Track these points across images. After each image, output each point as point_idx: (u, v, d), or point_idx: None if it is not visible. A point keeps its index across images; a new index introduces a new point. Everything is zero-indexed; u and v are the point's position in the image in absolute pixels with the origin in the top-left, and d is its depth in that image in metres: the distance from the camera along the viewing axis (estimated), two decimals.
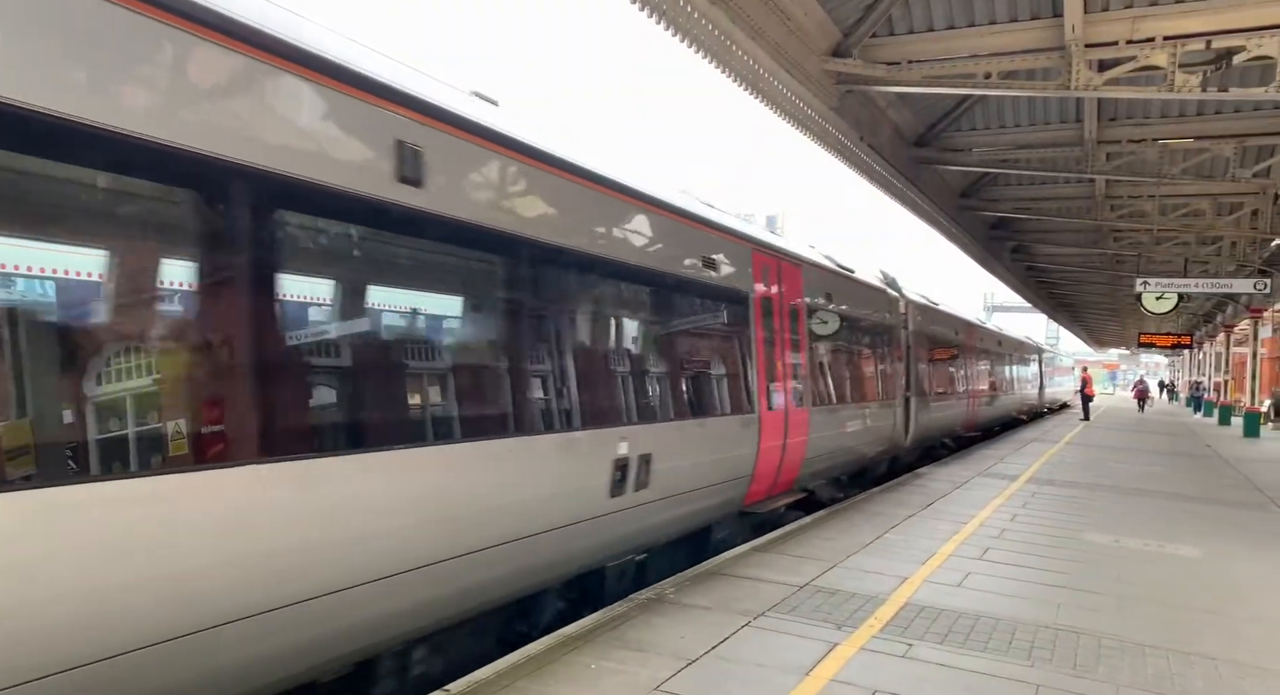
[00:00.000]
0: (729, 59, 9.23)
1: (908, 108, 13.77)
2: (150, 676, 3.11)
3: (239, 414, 3.44)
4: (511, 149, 5.11)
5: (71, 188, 3.04)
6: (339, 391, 4.13)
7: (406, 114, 4.25)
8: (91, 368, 3.08)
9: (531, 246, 5.23)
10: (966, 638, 5.39)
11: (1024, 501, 11.08)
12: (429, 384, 4.72)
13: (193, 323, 3.41)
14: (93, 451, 3.00)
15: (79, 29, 2.90)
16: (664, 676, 4.54)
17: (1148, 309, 21.70)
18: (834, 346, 11.06)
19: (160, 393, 3.24)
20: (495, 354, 5.10)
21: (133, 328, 3.28)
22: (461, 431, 4.67)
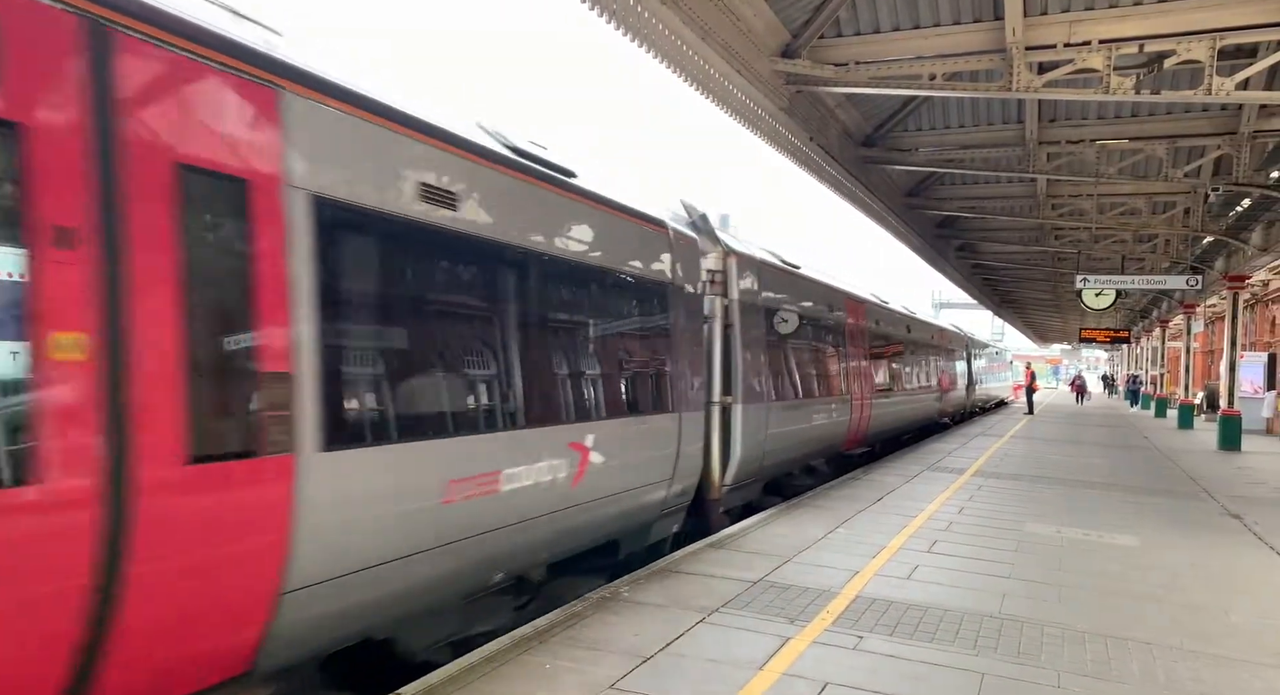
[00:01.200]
0: (680, 60, 9.28)
1: (856, 108, 13.99)
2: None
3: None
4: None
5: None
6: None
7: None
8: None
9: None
10: (915, 629, 5.50)
11: (970, 495, 11.34)
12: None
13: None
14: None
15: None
16: (618, 675, 4.57)
17: (1087, 305, 22.36)
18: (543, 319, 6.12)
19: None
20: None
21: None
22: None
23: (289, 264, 3.83)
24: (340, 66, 4.43)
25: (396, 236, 4.57)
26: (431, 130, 4.86)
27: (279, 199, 3.81)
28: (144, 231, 3.25)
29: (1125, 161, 15.47)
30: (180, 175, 3.40)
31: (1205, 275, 22.06)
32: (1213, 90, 9.37)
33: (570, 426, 6.09)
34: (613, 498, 6.70)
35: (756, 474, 10.23)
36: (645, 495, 7.31)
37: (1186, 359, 27.72)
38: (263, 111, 3.78)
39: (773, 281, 10.83)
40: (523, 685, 4.40)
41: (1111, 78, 9.63)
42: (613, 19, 8.19)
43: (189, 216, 3.43)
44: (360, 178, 4.29)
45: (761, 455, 10.12)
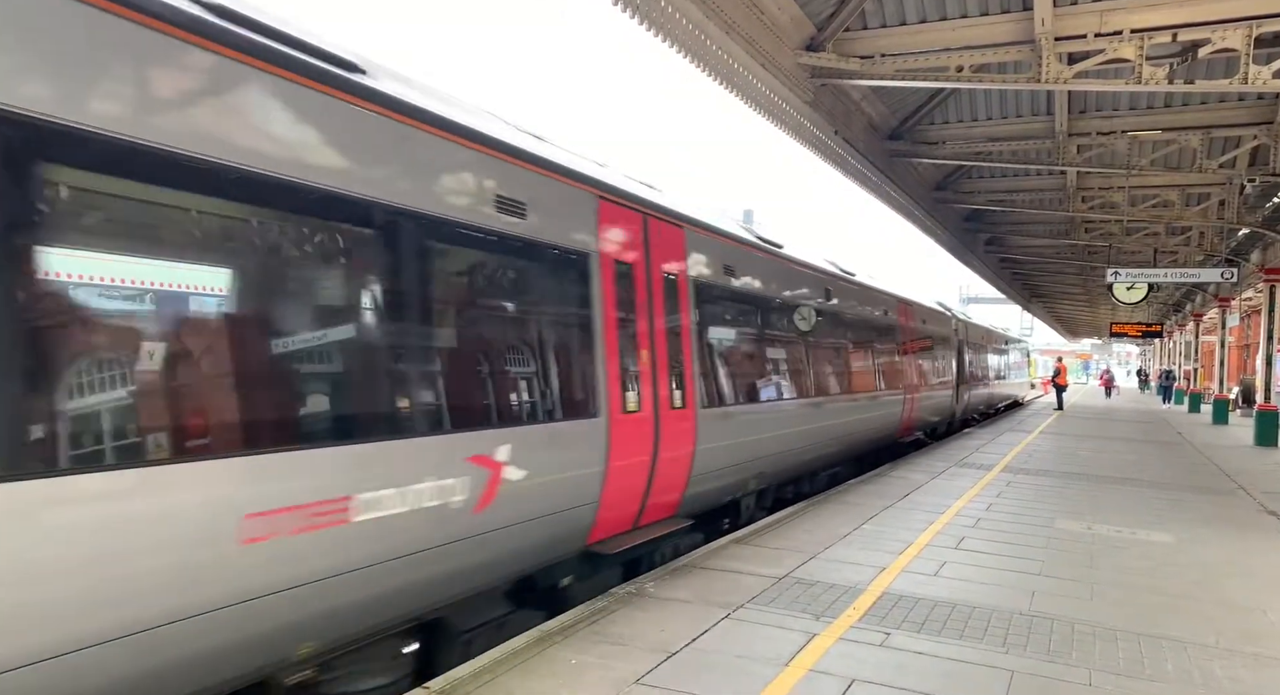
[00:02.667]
0: (704, 54, 9.24)
1: (881, 101, 13.87)
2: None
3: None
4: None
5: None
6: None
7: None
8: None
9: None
10: (943, 626, 5.46)
11: (999, 491, 11.22)
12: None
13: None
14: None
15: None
16: (644, 669, 4.57)
17: (1119, 299, 22.02)
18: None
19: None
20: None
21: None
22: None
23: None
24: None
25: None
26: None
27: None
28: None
29: (1158, 153, 15.22)
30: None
31: (1241, 268, 21.63)
32: (1249, 79, 9.18)
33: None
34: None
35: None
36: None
37: (1221, 353, 27.23)
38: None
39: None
40: (548, 680, 4.41)
41: (1144, 68, 9.46)
42: (635, 13, 8.18)
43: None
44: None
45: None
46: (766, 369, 9.50)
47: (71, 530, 2.97)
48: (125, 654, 3.14)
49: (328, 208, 4.06)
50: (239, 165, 3.58)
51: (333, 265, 4.32)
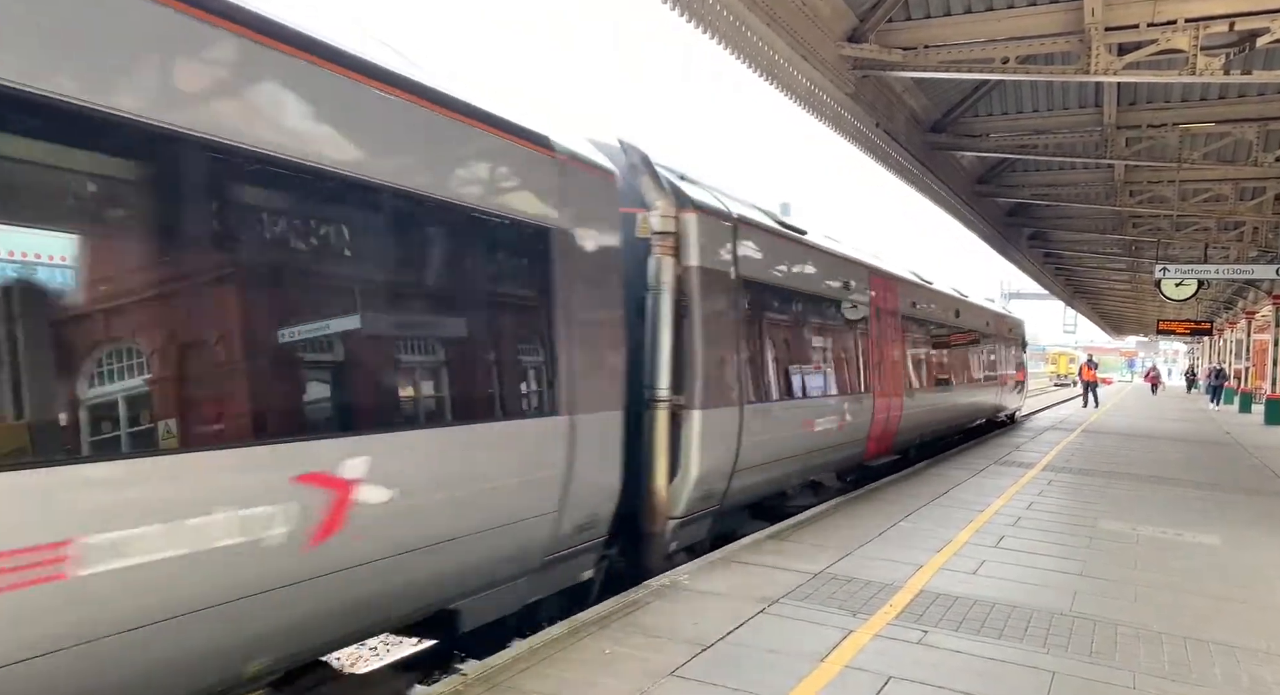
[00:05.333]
0: (744, 46, 9.17)
1: (924, 93, 13.67)
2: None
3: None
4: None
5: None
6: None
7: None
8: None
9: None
10: (982, 624, 5.39)
11: (1040, 489, 11.04)
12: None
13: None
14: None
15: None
16: (679, 662, 4.57)
17: (1167, 295, 21.50)
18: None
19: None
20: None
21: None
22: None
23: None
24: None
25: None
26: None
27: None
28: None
29: (1211, 146, 14.82)
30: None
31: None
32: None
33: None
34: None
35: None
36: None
37: (1274, 352, 26.47)
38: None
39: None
40: (583, 670, 4.44)
41: (1198, 58, 9.21)
42: (676, 5, 8.14)
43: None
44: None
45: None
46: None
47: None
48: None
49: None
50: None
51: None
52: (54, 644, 2.85)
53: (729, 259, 7.62)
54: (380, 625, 4.49)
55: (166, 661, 3.27)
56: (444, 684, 4.26)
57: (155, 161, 3.24)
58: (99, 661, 3.01)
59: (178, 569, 3.16)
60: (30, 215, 2.93)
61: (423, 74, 4.53)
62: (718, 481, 7.33)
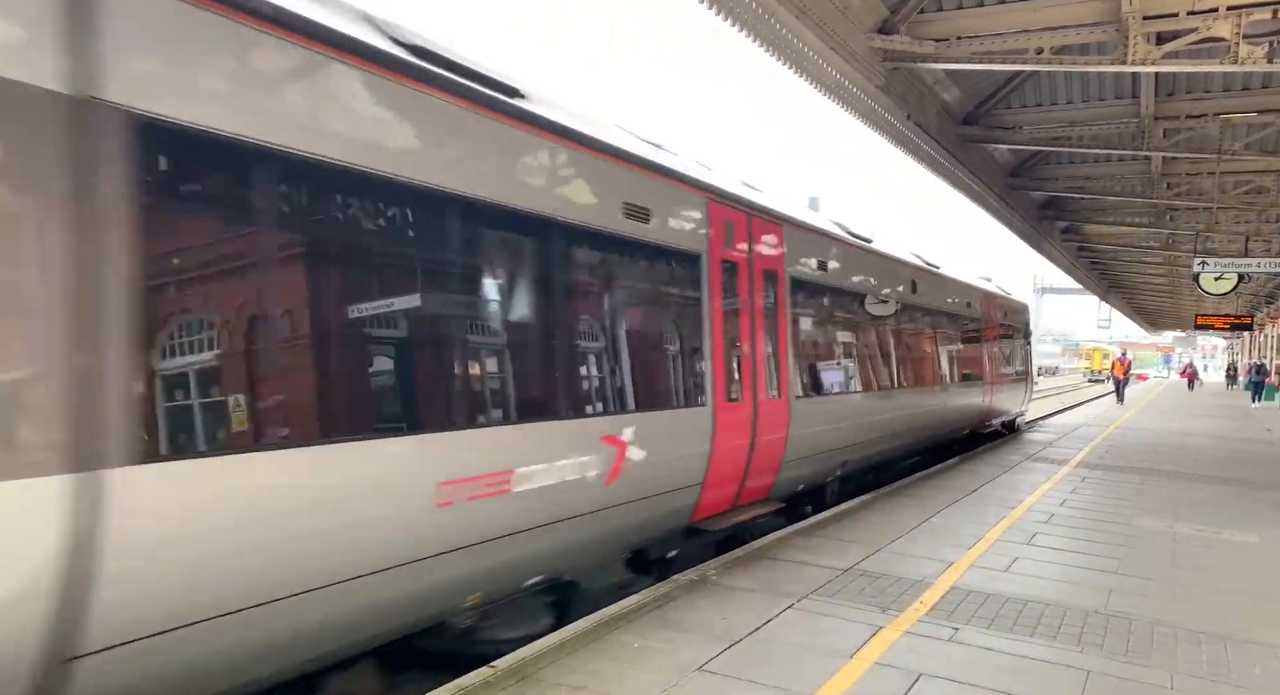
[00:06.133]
0: (773, 37, 9.10)
1: (956, 85, 13.48)
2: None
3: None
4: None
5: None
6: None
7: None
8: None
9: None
10: (1014, 622, 5.32)
11: (1073, 486, 10.88)
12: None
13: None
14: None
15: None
16: (707, 656, 4.56)
17: (1205, 290, 21.02)
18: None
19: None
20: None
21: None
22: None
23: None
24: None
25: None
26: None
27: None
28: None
29: (1253, 136, 14.48)
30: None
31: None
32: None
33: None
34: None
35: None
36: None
37: None
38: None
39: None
40: (611, 663, 4.44)
41: (1240, 47, 8.99)
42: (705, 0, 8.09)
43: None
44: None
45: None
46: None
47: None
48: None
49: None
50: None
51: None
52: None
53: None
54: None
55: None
56: (474, 676, 4.28)
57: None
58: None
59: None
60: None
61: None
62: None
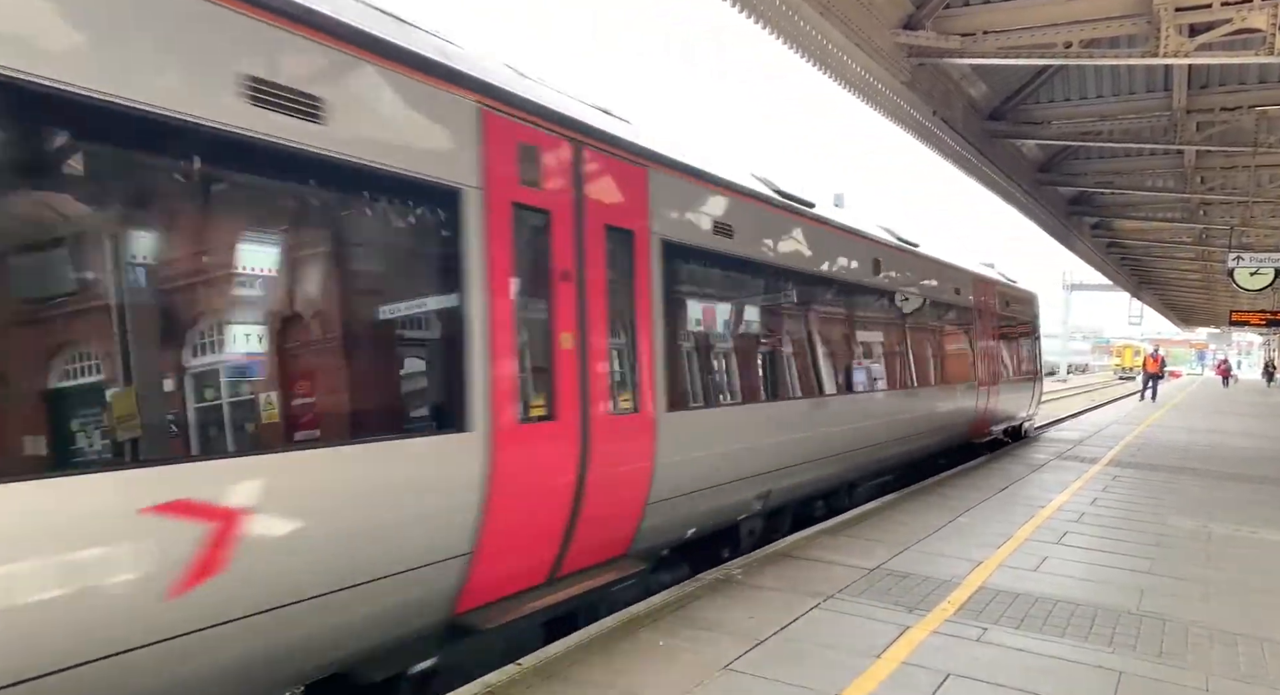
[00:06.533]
0: (796, 34, 9.05)
1: (983, 80, 13.33)
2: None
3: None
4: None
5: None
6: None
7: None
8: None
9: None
10: (1044, 622, 5.26)
11: (1104, 485, 10.73)
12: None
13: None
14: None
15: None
16: (732, 656, 4.55)
17: (1240, 285, 20.63)
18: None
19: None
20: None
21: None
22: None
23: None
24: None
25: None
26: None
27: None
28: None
29: None
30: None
31: None
32: None
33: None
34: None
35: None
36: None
37: None
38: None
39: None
40: (636, 662, 4.45)
41: (1277, 38, 8.81)
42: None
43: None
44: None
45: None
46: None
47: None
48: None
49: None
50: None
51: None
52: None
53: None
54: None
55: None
56: (500, 673, 4.30)
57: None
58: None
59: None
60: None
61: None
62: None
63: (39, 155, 2.94)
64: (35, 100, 2.74)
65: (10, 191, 2.85)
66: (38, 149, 2.93)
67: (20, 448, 2.85)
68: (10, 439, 2.81)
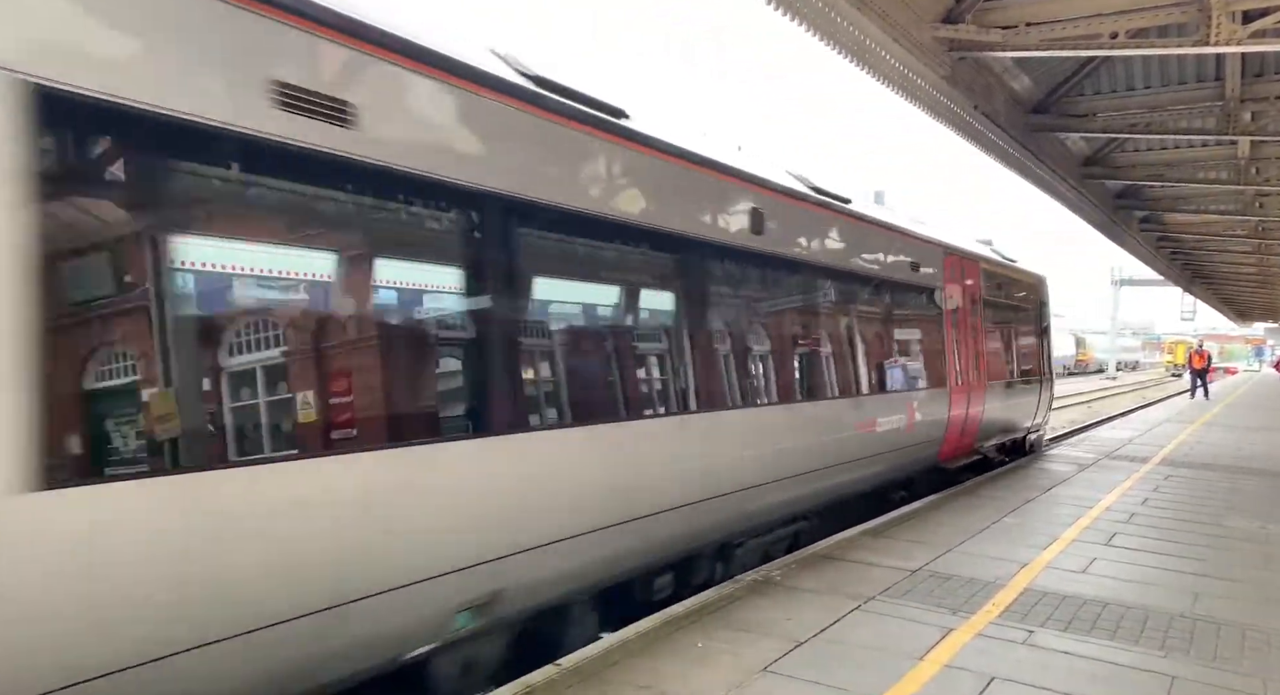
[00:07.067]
0: (833, 31, 8.97)
1: (1025, 73, 13.08)
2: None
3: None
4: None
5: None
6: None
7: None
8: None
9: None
10: (1092, 625, 5.14)
11: (1155, 485, 10.46)
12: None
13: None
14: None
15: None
16: (772, 657, 4.52)
17: None
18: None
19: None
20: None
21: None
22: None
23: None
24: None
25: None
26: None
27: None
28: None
29: None
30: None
31: None
32: None
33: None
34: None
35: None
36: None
37: None
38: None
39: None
40: (675, 663, 4.44)
41: None
42: None
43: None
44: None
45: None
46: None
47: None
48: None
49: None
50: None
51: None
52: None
53: None
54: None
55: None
56: (539, 673, 4.32)
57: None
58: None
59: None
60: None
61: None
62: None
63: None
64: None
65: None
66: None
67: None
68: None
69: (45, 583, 2.74)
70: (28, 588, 2.69)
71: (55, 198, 2.89)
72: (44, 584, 2.73)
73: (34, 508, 2.69)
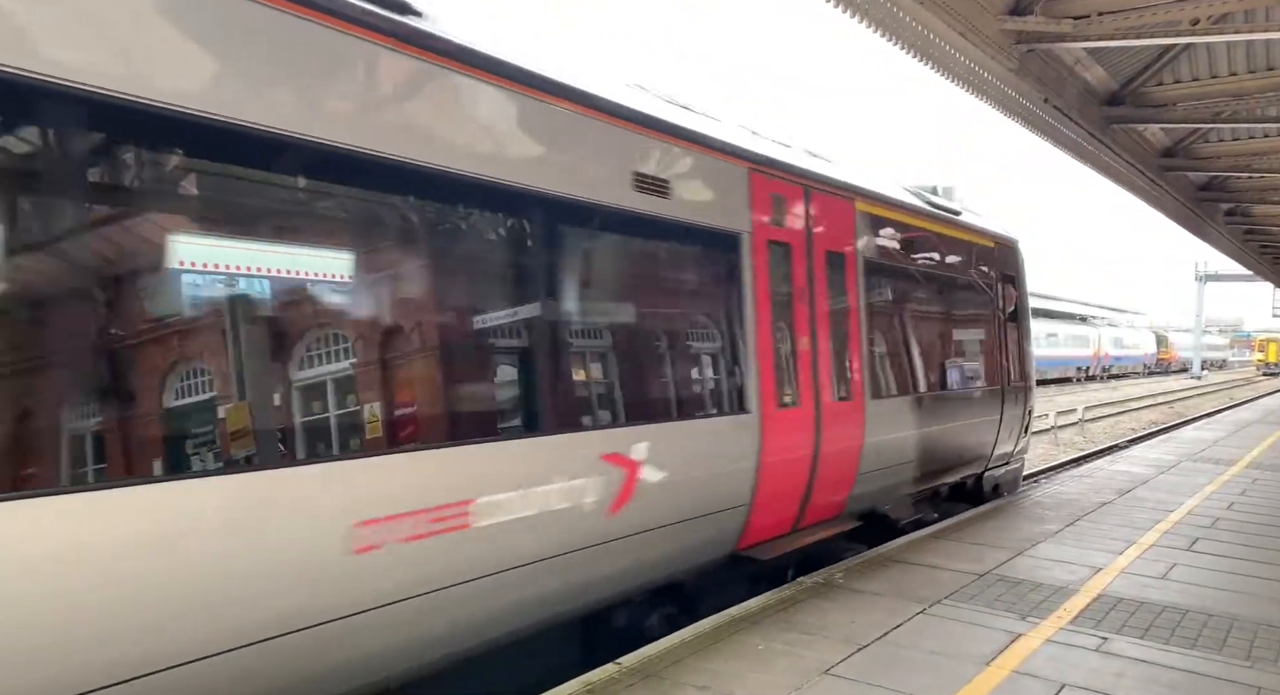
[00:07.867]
0: (896, 27, 8.83)
1: (1099, 64, 12.66)
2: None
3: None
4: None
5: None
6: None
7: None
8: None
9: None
10: (1171, 633, 4.96)
11: (1243, 488, 10.02)
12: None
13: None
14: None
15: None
16: (833, 660, 4.48)
17: None
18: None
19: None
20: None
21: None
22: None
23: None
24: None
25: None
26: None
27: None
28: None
29: None
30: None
31: None
32: None
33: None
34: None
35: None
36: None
37: None
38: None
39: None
40: (735, 663, 4.43)
41: None
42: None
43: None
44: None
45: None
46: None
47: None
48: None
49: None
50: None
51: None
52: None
53: None
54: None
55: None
56: (600, 672, 4.36)
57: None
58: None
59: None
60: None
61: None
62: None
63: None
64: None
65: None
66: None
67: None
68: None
69: None
70: None
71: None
72: None
73: None
